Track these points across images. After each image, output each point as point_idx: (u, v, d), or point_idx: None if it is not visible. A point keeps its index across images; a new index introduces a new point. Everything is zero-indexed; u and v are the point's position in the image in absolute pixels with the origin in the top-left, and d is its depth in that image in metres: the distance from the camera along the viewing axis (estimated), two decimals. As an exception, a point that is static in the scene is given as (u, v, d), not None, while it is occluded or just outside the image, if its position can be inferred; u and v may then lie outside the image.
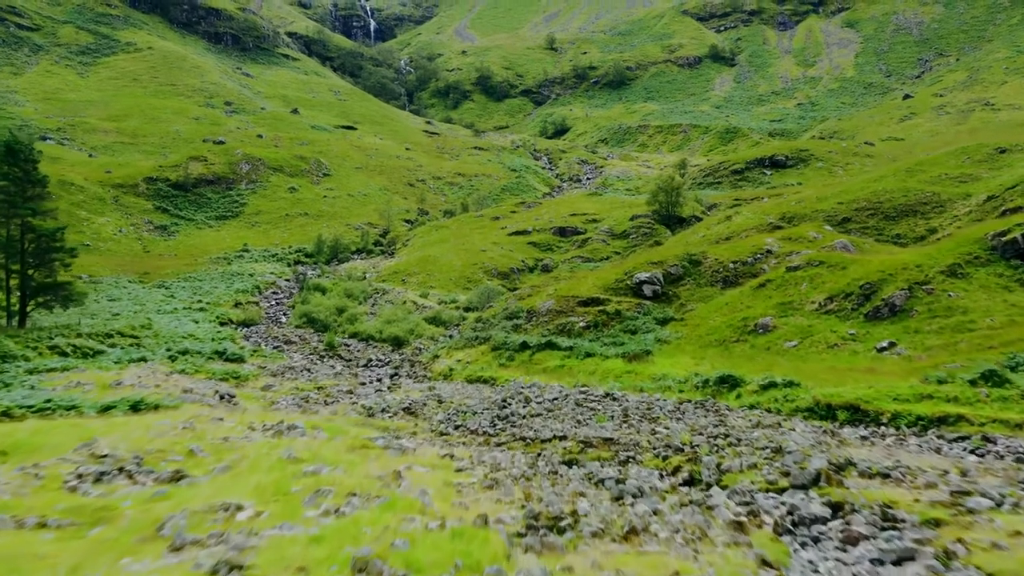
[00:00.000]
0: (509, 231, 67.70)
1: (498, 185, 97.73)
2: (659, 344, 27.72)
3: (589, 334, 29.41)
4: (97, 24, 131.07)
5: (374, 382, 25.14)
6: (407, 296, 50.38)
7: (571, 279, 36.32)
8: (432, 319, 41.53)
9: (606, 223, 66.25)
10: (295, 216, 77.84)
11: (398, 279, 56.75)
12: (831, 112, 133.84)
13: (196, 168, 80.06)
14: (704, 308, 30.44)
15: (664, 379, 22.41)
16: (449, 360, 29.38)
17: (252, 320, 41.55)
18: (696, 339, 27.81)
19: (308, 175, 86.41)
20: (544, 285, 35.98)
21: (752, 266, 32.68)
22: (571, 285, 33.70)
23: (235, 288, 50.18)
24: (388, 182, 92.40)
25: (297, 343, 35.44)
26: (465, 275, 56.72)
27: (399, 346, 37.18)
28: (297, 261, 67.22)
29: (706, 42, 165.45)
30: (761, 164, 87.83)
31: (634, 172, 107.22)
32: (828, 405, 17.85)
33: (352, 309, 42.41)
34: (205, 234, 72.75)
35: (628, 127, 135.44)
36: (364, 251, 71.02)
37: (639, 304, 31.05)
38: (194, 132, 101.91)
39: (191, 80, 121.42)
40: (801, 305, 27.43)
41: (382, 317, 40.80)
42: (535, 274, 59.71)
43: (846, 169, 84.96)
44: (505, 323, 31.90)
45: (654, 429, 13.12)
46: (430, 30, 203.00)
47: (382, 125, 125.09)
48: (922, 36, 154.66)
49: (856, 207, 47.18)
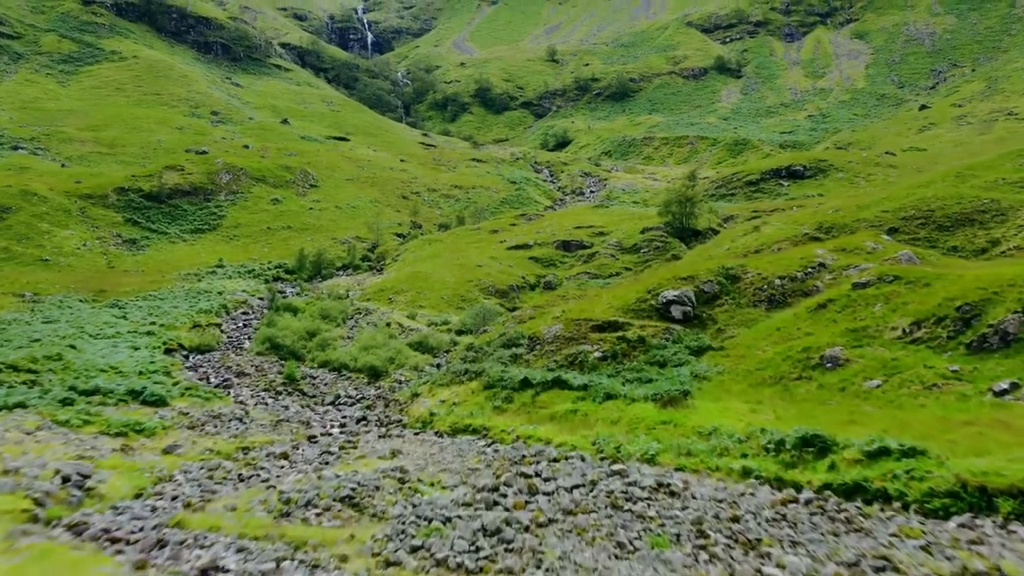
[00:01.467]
0: (508, 245, 61.95)
1: (497, 198, 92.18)
2: (697, 381, 21.82)
3: (607, 367, 23.52)
4: (81, 32, 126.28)
5: (328, 433, 19.26)
6: (392, 317, 44.50)
7: (581, 298, 30.44)
8: (418, 344, 35.63)
9: (614, 236, 60.52)
10: (278, 229, 72.11)
11: (384, 298, 50.92)
12: (843, 124, 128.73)
13: (172, 178, 74.46)
14: (748, 334, 24.55)
15: (717, 435, 16.47)
16: (431, 400, 23.45)
17: (208, 345, 35.65)
18: (744, 375, 21.90)
19: (293, 186, 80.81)
20: (549, 305, 30.12)
21: (803, 282, 26.84)
22: (582, 306, 27.82)
23: (198, 308, 44.32)
24: (380, 194, 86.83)
25: (252, 375, 29.52)
26: (459, 293, 50.88)
27: (376, 377, 31.26)
28: (276, 278, 61.46)
29: (711, 53, 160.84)
30: (777, 175, 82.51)
31: (640, 185, 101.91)
32: (981, 489, 11.94)
33: (325, 333, 36.51)
34: (178, 248, 66.99)
35: (632, 139, 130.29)
36: (350, 267, 65.25)
37: (667, 329, 25.18)
38: (177, 142, 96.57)
39: (177, 89, 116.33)
40: (878, 332, 21.53)
41: (359, 342, 34.91)
42: (537, 292, 53.92)
43: (868, 180, 79.77)
44: (502, 352, 26.00)
45: (760, 570, 7.22)
46: (428, 43, 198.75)
47: (376, 136, 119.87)
48: (934, 47, 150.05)
49: (903, 216, 41.43)
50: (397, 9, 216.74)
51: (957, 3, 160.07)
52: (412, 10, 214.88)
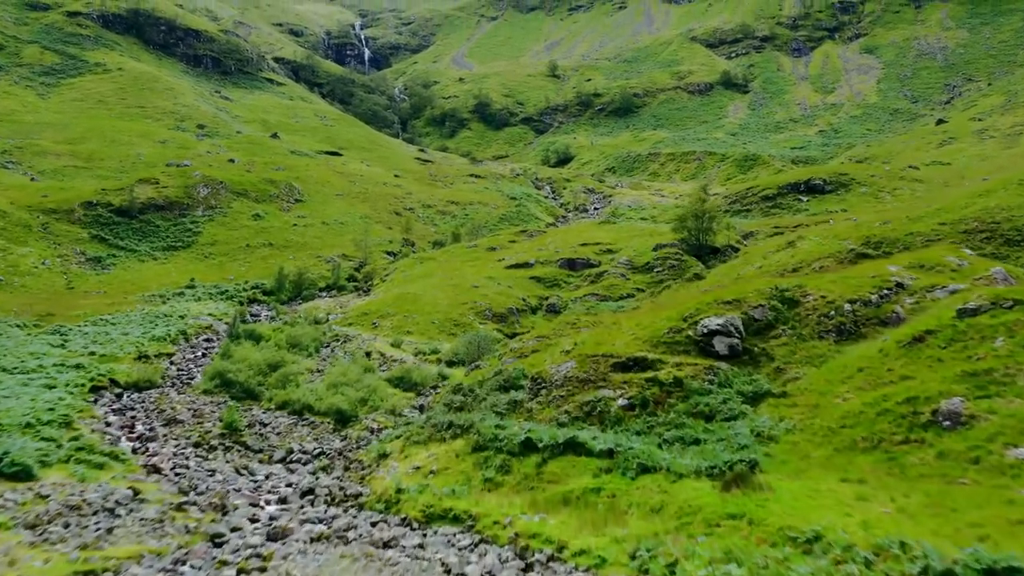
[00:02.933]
0: (507, 264, 56.39)
1: (496, 214, 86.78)
2: (762, 443, 16.10)
3: (635, 420, 17.79)
4: (65, 44, 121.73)
5: (255, 519, 13.51)
6: (374, 345, 38.80)
7: (596, 327, 24.69)
8: (398, 380, 29.88)
9: (624, 254, 54.95)
10: (258, 247, 66.54)
11: (368, 322, 45.25)
12: (856, 139, 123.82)
13: (145, 192, 69.06)
14: (818, 376, 18.86)
15: (824, 547, 10.71)
16: (403, 464, 17.70)
17: (148, 381, 29.89)
18: (824, 434, 16.16)
19: (277, 201, 75.38)
20: (556, 335, 24.42)
21: (878, 307, 21.19)
22: (599, 336, 22.11)
23: (151, 335, 38.60)
24: (371, 210, 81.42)
25: (186, 422, 23.77)
26: (451, 317, 45.20)
27: (343, 423, 25.50)
28: (252, 299, 55.86)
29: (717, 68, 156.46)
30: (796, 189, 77.26)
31: (647, 201, 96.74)
32: None
33: (290, 366, 30.75)
34: (147, 267, 61.39)
35: (637, 155, 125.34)
36: (335, 287, 59.63)
37: (710, 368, 19.49)
38: (158, 156, 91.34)
39: (162, 102, 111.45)
40: (1009, 377, 15.80)
41: (329, 377, 29.18)
42: (539, 315, 48.27)
43: (894, 195, 74.53)
44: (497, 397, 20.28)
45: None
46: (426, 59, 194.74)
47: (370, 151, 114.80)
48: (947, 61, 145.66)
49: (964, 229, 35.90)
50: (395, 25, 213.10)
51: (969, 17, 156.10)
52: (410, 26, 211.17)
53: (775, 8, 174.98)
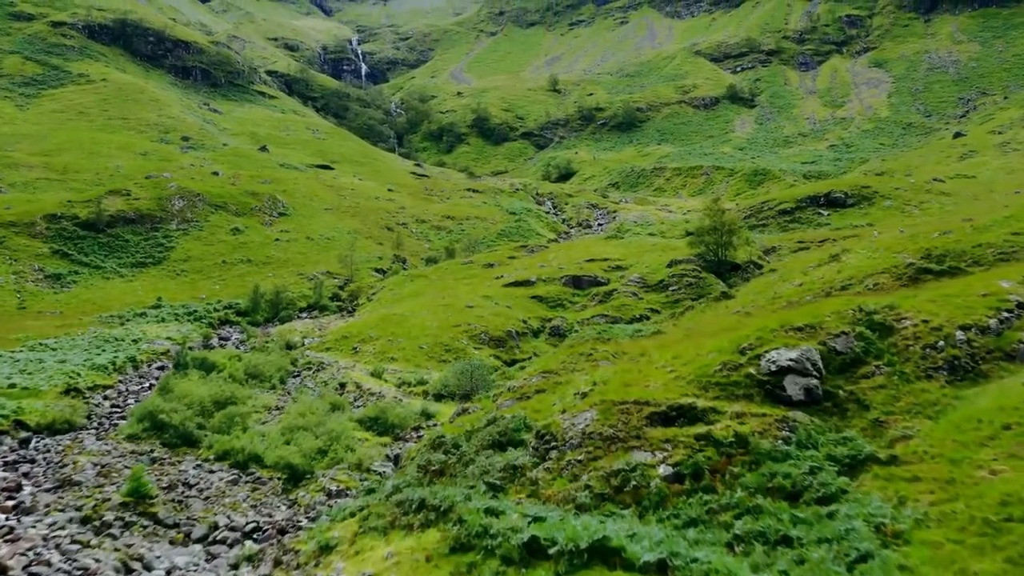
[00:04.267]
0: (506, 281, 51.10)
1: (494, 230, 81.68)
2: (883, 547, 10.68)
3: (687, 502, 12.40)
4: (48, 55, 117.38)
5: None
6: (351, 375, 33.41)
7: (619, 358, 19.22)
8: (372, 421, 24.45)
9: (635, 271, 49.65)
10: (235, 263, 61.28)
11: (347, 347, 39.88)
12: (870, 153, 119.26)
13: (114, 204, 63.94)
14: (939, 433, 13.48)
15: None
16: (351, 566, 12.21)
17: (67, 422, 24.48)
18: (978, 532, 10.74)
19: (259, 214, 70.23)
20: (566, 369, 18.92)
21: (999, 336, 15.90)
22: (625, 373, 16.70)
23: (93, 363, 33.20)
24: (361, 225, 76.28)
25: (84, 484, 18.33)
26: (442, 342, 39.80)
27: (296, 481, 20.04)
28: (224, 320, 50.55)
29: (723, 82, 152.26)
30: (815, 203, 72.41)
31: (654, 217, 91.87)
32: None
33: (241, 405, 25.31)
34: (112, 285, 56.08)
35: (642, 170, 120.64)
36: (316, 307, 54.31)
37: (784, 421, 14.17)
38: (137, 168, 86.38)
39: (146, 114, 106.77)
40: None
41: (287, 418, 23.75)
42: (542, 339, 42.92)
43: (922, 208, 69.68)
44: (491, 458, 14.87)
45: None
46: (424, 74, 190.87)
47: (363, 165, 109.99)
48: (960, 75, 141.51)
49: (1043, 239, 30.66)
50: (393, 40, 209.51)
51: (980, 31, 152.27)
52: (408, 41, 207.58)
53: (780, 22, 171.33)
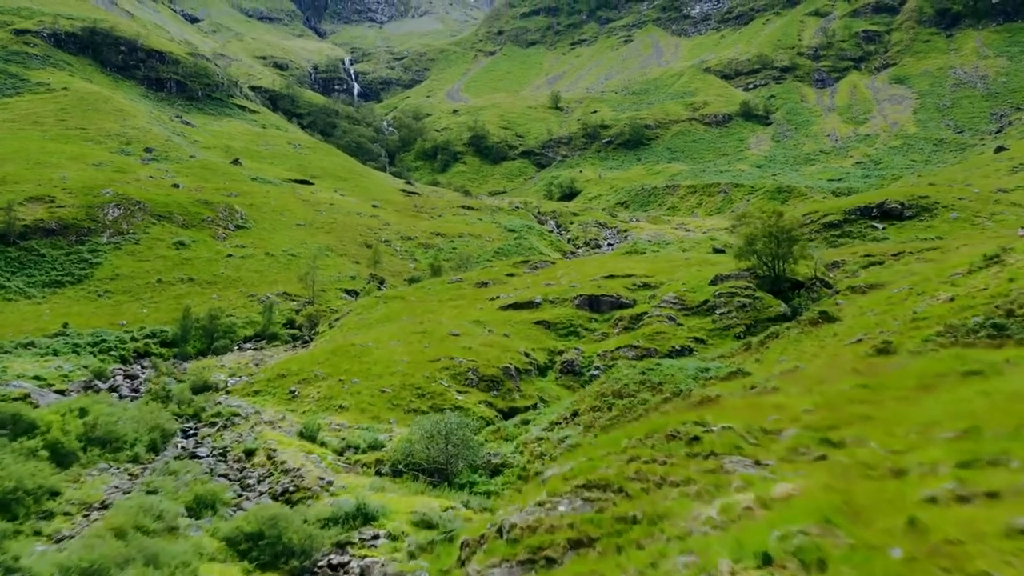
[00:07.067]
0: (503, 303, 40.09)
1: (490, 248, 70.97)
2: None
3: None
4: (7, 63, 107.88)
5: None
6: (267, 436, 22.41)
7: (805, 461, 8.21)
8: (250, 541, 13.22)
9: (669, 289, 38.67)
10: (173, 282, 50.37)
11: (283, 390, 28.74)
12: (902, 169, 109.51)
13: (33, 212, 53.38)
14: None
15: None
16: None
17: None
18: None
19: (210, 226, 59.52)
20: (645, 481, 7.94)
21: None
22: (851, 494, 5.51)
23: None
24: (336, 241, 65.56)
25: None
26: (413, 383, 28.64)
27: None
28: (143, 352, 39.43)
29: (735, 99, 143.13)
30: (866, 214, 62.16)
31: (670, 235, 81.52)
32: None
33: (21, 505, 14.12)
34: (12, 308, 45.07)
35: (653, 188, 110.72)
36: (264, 336, 43.23)
37: None
38: (86, 180, 75.67)
39: (108, 124, 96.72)
40: None
41: (87, 540, 12.52)
42: (550, 378, 31.87)
43: (996, 220, 59.45)
44: None
45: None
46: (419, 94, 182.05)
47: (347, 181, 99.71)
48: (989, 90, 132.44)
49: None
50: (387, 60, 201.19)
51: (1007, 45, 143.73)
52: (403, 61, 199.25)
53: (794, 39, 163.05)
